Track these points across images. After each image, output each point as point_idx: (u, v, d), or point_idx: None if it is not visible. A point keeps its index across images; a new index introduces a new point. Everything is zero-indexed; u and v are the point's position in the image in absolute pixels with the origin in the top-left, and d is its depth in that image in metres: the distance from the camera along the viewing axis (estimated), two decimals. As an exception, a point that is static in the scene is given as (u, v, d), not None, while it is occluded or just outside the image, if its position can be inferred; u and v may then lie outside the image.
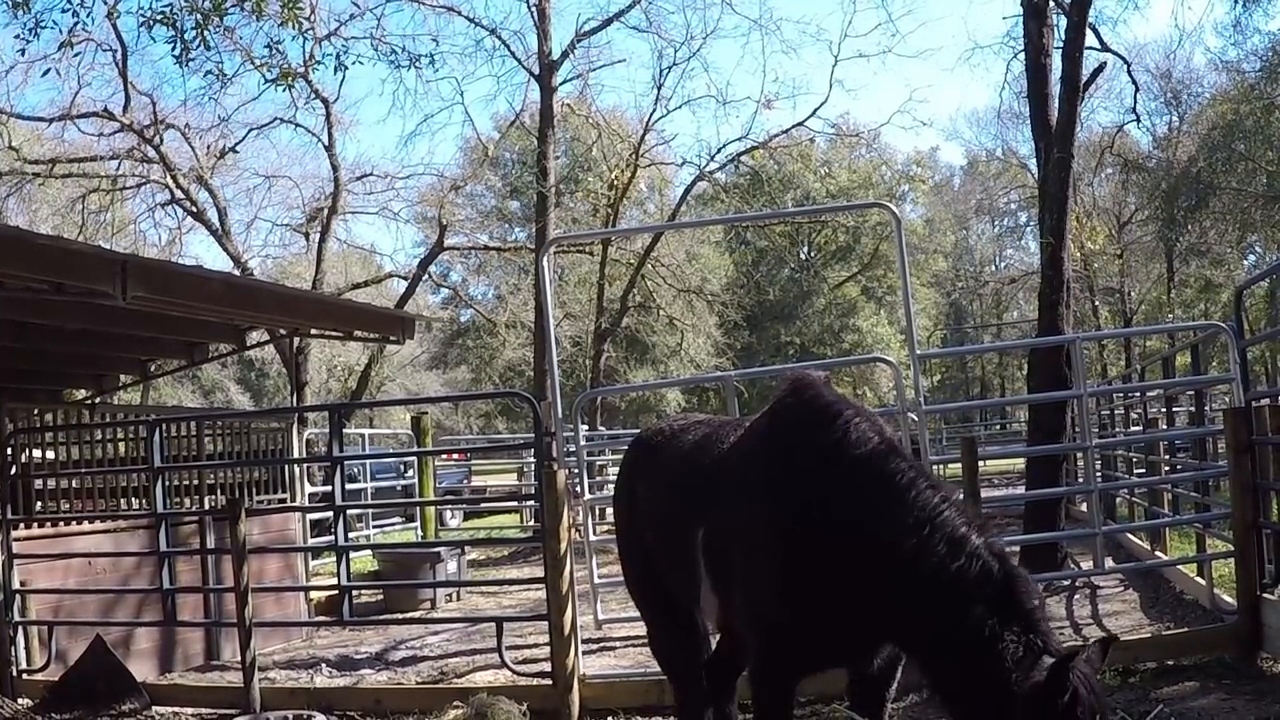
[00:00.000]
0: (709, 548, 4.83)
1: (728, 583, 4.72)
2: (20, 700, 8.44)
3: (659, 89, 28.12)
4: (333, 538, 9.34)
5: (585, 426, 16.65)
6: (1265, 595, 7.54)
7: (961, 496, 4.56)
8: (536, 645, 9.12)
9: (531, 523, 20.25)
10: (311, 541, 13.23)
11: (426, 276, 31.88)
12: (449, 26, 43.80)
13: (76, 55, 22.42)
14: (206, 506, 11.16)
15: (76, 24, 12.81)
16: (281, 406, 32.57)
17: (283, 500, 12.62)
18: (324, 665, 10.00)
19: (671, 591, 5.47)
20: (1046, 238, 12.28)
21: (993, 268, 59.13)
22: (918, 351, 9.28)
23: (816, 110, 30.16)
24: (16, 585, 8.84)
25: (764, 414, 4.91)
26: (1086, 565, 10.82)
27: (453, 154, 52.35)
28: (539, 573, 8.12)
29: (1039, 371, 11.81)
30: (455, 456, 25.48)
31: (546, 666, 7.97)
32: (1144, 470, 13.67)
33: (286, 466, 12.76)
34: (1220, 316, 29.97)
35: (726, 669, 5.59)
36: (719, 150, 30.29)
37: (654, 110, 28.50)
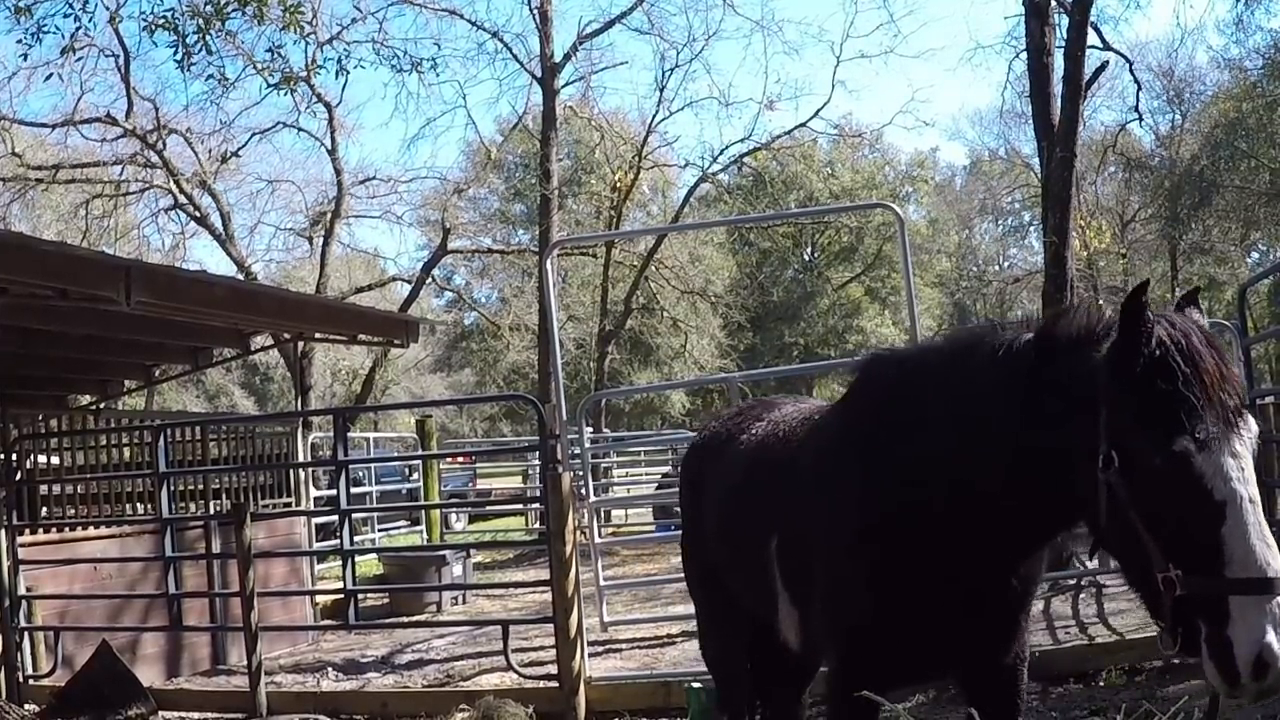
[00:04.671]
0: (784, 559, 4.38)
1: (807, 595, 4.27)
2: (27, 706, 8.43)
3: (661, 91, 28.29)
4: (338, 542, 9.33)
5: (590, 429, 16.72)
6: (1271, 593, 7.51)
7: None
8: (542, 648, 9.10)
9: (536, 525, 20.24)
10: (317, 545, 13.22)
11: (430, 280, 31.87)
12: (451, 30, 43.83)
13: (79, 61, 22.54)
14: (212, 511, 11.17)
15: (79, 29, 12.93)
16: (286, 411, 32.56)
17: (288, 504, 12.62)
18: (330, 669, 10.00)
19: (737, 602, 5.18)
20: (1050, 237, 12.28)
21: (996, 267, 58.81)
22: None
23: (819, 111, 30.20)
24: (22, 591, 8.84)
25: (837, 404, 4.44)
26: (1092, 564, 10.78)
27: (456, 157, 52.50)
28: (544, 575, 8.11)
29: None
30: (460, 459, 25.47)
31: (552, 669, 7.96)
32: (1149, 469, 13.61)
33: (291, 471, 12.77)
34: (1224, 314, 29.85)
35: (796, 685, 5.45)
36: (722, 152, 30.49)
37: (656, 112, 28.70)
